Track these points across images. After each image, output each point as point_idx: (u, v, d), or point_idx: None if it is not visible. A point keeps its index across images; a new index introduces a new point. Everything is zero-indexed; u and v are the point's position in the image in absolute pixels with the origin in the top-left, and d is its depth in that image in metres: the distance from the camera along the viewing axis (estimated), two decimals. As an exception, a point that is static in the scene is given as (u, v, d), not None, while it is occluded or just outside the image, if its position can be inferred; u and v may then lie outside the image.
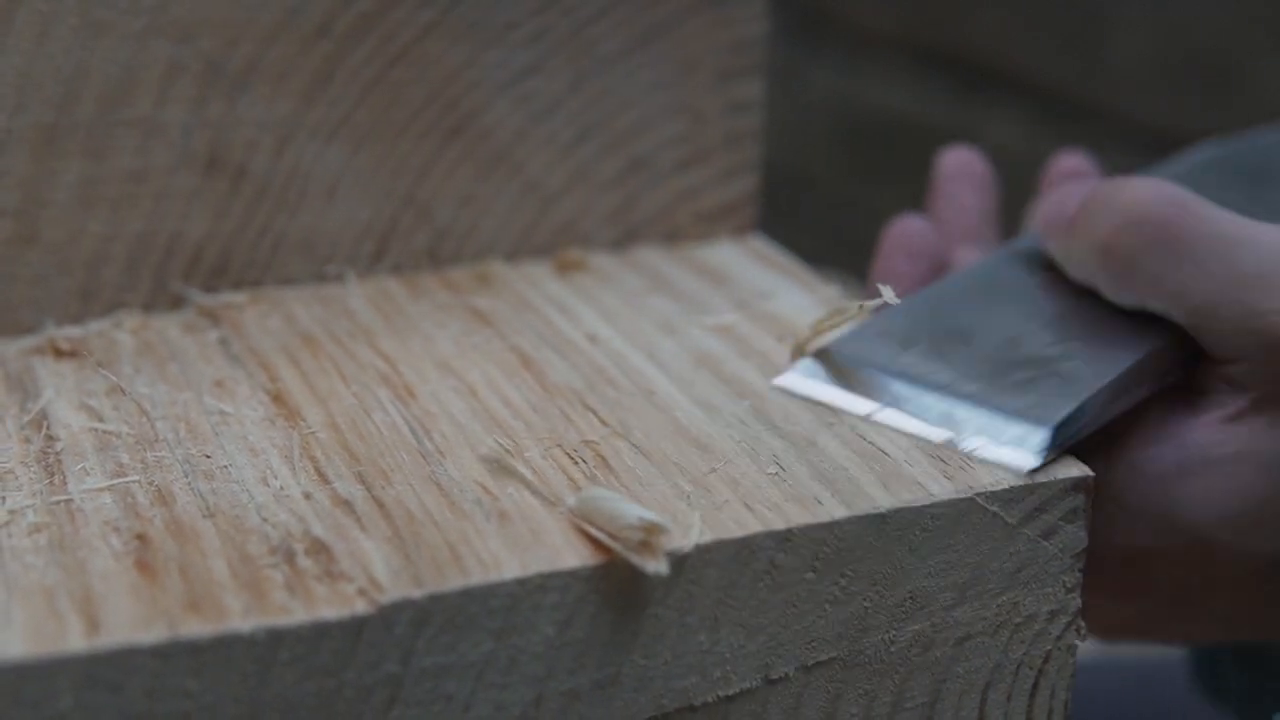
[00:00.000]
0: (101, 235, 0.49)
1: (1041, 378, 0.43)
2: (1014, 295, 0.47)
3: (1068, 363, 0.44)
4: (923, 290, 0.49)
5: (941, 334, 0.46)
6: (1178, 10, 1.22)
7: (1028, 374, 0.44)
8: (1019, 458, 0.41)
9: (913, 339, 0.45)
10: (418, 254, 0.53)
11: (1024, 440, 0.41)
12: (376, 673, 0.36)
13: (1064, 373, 0.44)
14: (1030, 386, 0.43)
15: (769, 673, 0.40)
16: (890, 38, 1.49)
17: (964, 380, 0.44)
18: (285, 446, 0.42)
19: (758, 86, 0.56)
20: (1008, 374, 0.44)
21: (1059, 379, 0.43)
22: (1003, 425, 0.42)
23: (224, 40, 0.48)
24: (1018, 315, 0.46)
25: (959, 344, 0.45)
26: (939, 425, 0.43)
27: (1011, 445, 0.41)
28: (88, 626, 0.34)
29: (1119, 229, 0.44)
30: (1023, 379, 0.43)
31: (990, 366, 0.44)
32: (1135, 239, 0.44)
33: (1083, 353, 0.44)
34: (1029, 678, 0.43)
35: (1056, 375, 0.43)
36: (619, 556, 0.37)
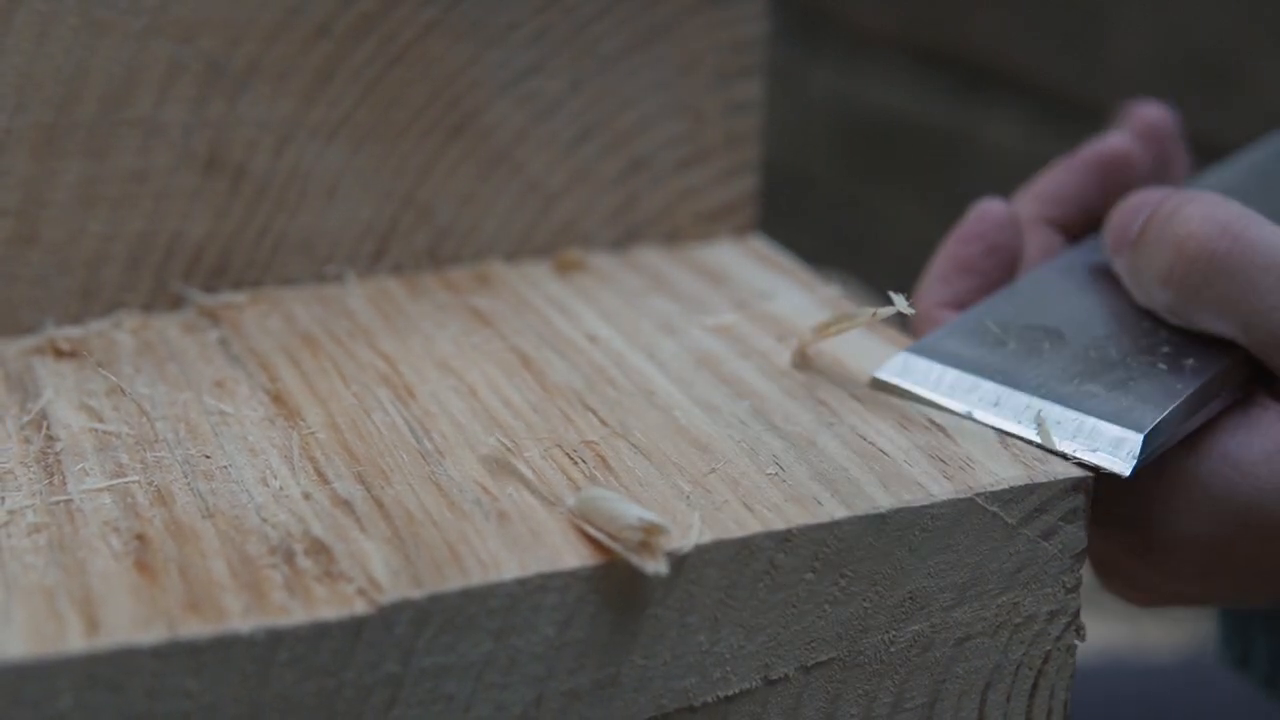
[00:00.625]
0: (102, 235, 0.49)
1: (1133, 381, 0.44)
2: (1102, 294, 0.48)
3: (1155, 367, 0.44)
4: (1012, 285, 0.49)
5: (1032, 332, 0.46)
6: (1178, 10, 1.22)
7: (1119, 376, 0.44)
8: (1115, 463, 0.41)
9: (1004, 337, 0.46)
10: (418, 254, 0.53)
11: (1119, 445, 0.42)
12: (376, 673, 0.36)
13: (1153, 377, 0.44)
14: (1122, 390, 0.43)
15: (769, 673, 0.40)
16: (890, 38, 1.49)
17: (1056, 380, 0.44)
18: (285, 447, 0.42)
19: (758, 86, 0.56)
20: (1099, 375, 0.44)
21: (1149, 384, 0.43)
22: (1098, 429, 0.42)
23: (225, 40, 0.48)
24: (1106, 316, 0.47)
25: (1050, 342, 0.45)
26: (1033, 426, 0.43)
27: (1107, 450, 0.42)
28: (87, 627, 0.34)
29: (1174, 265, 0.44)
30: (1114, 381, 0.44)
31: (1082, 367, 0.44)
32: (1192, 274, 0.44)
33: (1168, 358, 0.45)
34: (1028, 678, 0.43)
35: (1146, 380, 0.44)
36: (619, 557, 0.37)
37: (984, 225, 0.50)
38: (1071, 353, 0.45)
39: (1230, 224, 0.44)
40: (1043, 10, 1.33)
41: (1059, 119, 1.31)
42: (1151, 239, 0.45)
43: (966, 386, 0.44)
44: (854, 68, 1.53)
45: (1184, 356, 0.45)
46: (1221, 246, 0.43)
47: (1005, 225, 0.50)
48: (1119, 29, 1.26)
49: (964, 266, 0.50)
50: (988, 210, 0.51)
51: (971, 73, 1.39)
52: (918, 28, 1.46)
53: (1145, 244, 0.46)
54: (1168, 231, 0.45)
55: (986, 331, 0.46)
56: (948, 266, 0.50)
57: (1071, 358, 0.45)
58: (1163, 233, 0.45)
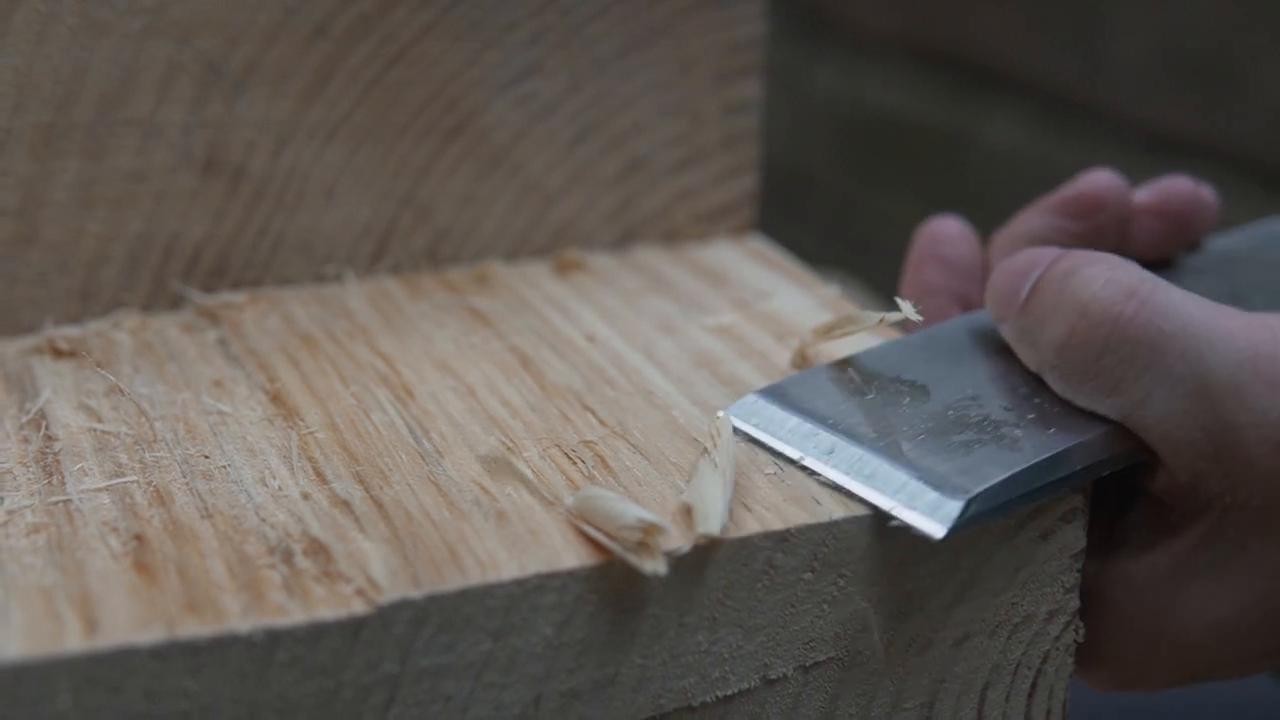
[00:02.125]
0: (100, 235, 0.49)
1: (979, 445, 0.41)
2: (991, 356, 0.45)
3: (1012, 433, 0.42)
4: (906, 336, 0.47)
5: (897, 385, 0.44)
6: (1178, 10, 1.22)
7: (967, 438, 0.41)
8: (929, 525, 0.39)
9: (864, 387, 0.44)
10: (417, 254, 0.53)
11: (938, 509, 0.39)
12: (375, 673, 0.36)
13: (1003, 442, 0.41)
14: (964, 452, 0.41)
15: (767, 673, 0.40)
16: (891, 38, 1.49)
17: (900, 436, 0.42)
18: (284, 447, 0.42)
19: (756, 87, 0.56)
20: (948, 434, 0.42)
21: (995, 448, 0.41)
22: (921, 490, 0.40)
23: (223, 41, 0.48)
24: (983, 377, 0.44)
25: (911, 397, 0.43)
26: (859, 480, 0.41)
27: (924, 512, 0.39)
28: (86, 627, 0.34)
29: (1073, 330, 0.41)
30: (960, 443, 0.41)
31: (933, 425, 0.42)
32: (1091, 341, 0.41)
33: (1032, 424, 0.42)
34: (1027, 678, 0.43)
35: (995, 444, 0.41)
36: (617, 557, 0.37)
37: (932, 245, 0.50)
38: (929, 410, 0.43)
39: (1136, 288, 0.41)
40: (1043, 10, 1.33)
41: (1059, 119, 1.31)
42: (1046, 301, 0.42)
43: (804, 433, 0.42)
44: (855, 68, 1.53)
45: (1047, 425, 0.42)
46: (1128, 311, 0.40)
47: (952, 238, 0.50)
48: (1119, 29, 1.26)
49: (926, 290, 0.49)
50: (933, 229, 0.50)
51: (972, 73, 1.39)
52: (919, 28, 1.46)
53: (1038, 307, 0.42)
54: (1066, 294, 0.41)
55: (849, 380, 0.44)
56: (911, 294, 0.49)
57: (925, 415, 0.43)
58: (1061, 295, 0.42)
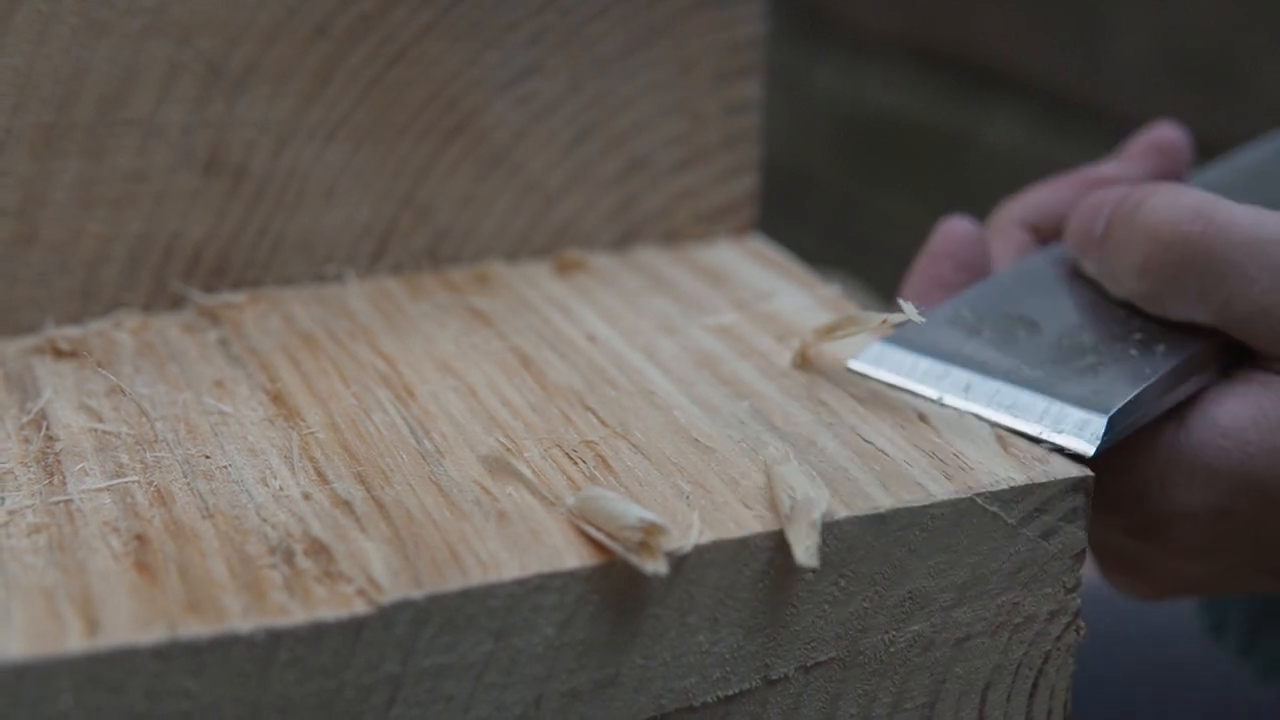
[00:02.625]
0: (101, 235, 0.49)
1: (1102, 366, 0.44)
2: (1077, 288, 0.48)
3: (1127, 353, 0.45)
4: (992, 277, 0.50)
5: (1007, 321, 0.47)
6: (1178, 10, 1.22)
7: (1089, 362, 0.45)
8: (1079, 444, 0.42)
9: (979, 326, 0.47)
10: (417, 254, 0.53)
11: (1084, 427, 0.42)
12: (376, 673, 0.36)
13: (1123, 363, 0.45)
14: (1091, 375, 0.44)
15: (768, 673, 0.40)
16: (891, 38, 1.49)
17: (1027, 367, 0.45)
18: (285, 447, 0.42)
19: (757, 87, 0.56)
20: (1070, 361, 0.45)
21: (1118, 368, 0.44)
22: (1064, 412, 0.43)
23: (223, 41, 0.48)
24: (1080, 306, 0.47)
25: (1024, 330, 0.46)
26: (1003, 411, 0.44)
27: (1072, 432, 0.42)
28: (87, 627, 0.34)
29: (1149, 255, 0.44)
30: (1085, 366, 0.44)
31: (1054, 354, 0.45)
32: (1168, 263, 0.44)
33: (1141, 344, 0.45)
34: (1028, 678, 0.43)
35: (1116, 365, 0.44)
36: (618, 557, 0.37)
37: (952, 243, 0.51)
38: (1045, 340, 0.46)
39: (1200, 207, 0.44)
40: (1043, 10, 1.33)
41: (1059, 119, 1.31)
42: (1120, 234, 0.45)
43: (938, 374, 0.45)
44: (855, 68, 1.53)
45: (1156, 343, 0.45)
46: (1195, 230, 0.43)
47: (970, 241, 0.51)
48: (1119, 29, 1.26)
49: (935, 283, 0.51)
50: (952, 228, 0.52)
51: (972, 73, 1.39)
52: (919, 28, 1.46)
53: (1114, 240, 0.46)
54: (1137, 223, 0.45)
55: (962, 320, 0.47)
56: (922, 284, 0.51)
57: (1044, 345, 0.46)
58: (1131, 226, 0.45)
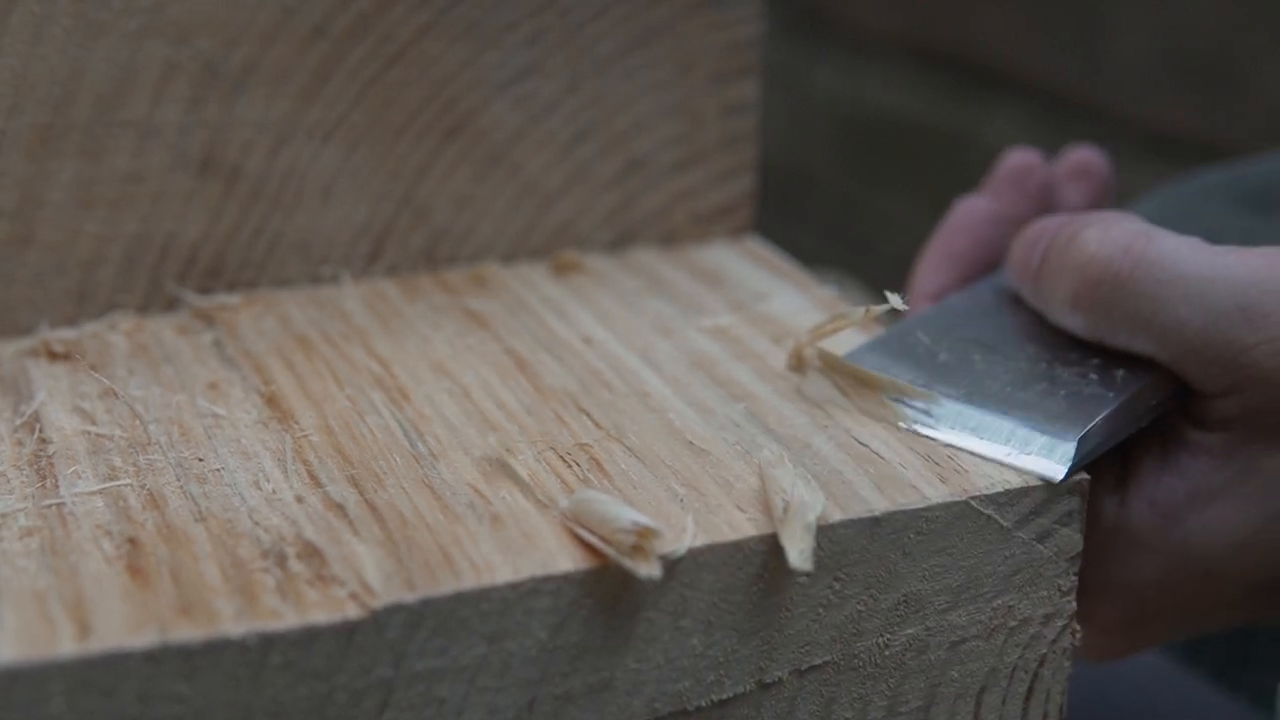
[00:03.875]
0: (97, 236, 0.48)
1: (1064, 389, 0.44)
2: (1026, 311, 0.48)
3: (1087, 377, 0.44)
4: (942, 302, 0.50)
5: (963, 344, 0.46)
6: (1178, 10, 1.22)
7: (1050, 385, 0.44)
8: (1048, 467, 0.41)
9: (934, 348, 0.46)
10: (414, 255, 0.53)
11: (1052, 450, 0.42)
12: (368, 677, 0.36)
13: (1085, 386, 0.44)
14: (1052, 397, 0.43)
15: (762, 677, 0.39)
16: (890, 38, 1.48)
17: (988, 390, 0.44)
18: (278, 449, 0.42)
19: (754, 87, 0.56)
20: (1031, 384, 0.44)
21: (1081, 392, 0.44)
22: (1030, 435, 0.42)
23: (220, 41, 0.48)
24: (1036, 331, 0.47)
25: (980, 354, 0.45)
26: (968, 434, 0.43)
27: (1040, 454, 0.42)
28: (79, 631, 0.34)
29: (1080, 289, 0.44)
30: (1045, 389, 0.44)
31: (1013, 376, 0.44)
32: (1098, 297, 0.44)
33: (1099, 369, 0.44)
34: (1024, 681, 0.42)
35: (1078, 388, 0.44)
36: (612, 560, 0.37)
37: (969, 219, 0.52)
38: (1003, 364, 0.45)
39: (1130, 243, 0.43)
40: (1043, 10, 1.33)
41: (1059, 119, 1.31)
42: (1053, 267, 0.45)
43: None
44: (855, 68, 1.53)
45: (1114, 367, 0.44)
46: (1125, 267, 0.43)
47: (988, 219, 0.52)
48: (1119, 29, 1.26)
49: (951, 259, 0.51)
50: (972, 206, 0.52)
51: (972, 73, 1.39)
52: (918, 28, 1.46)
53: (1047, 273, 0.45)
54: (1068, 258, 0.44)
55: (917, 343, 0.46)
56: (936, 259, 0.51)
57: (1002, 368, 0.45)
58: (1063, 259, 0.45)
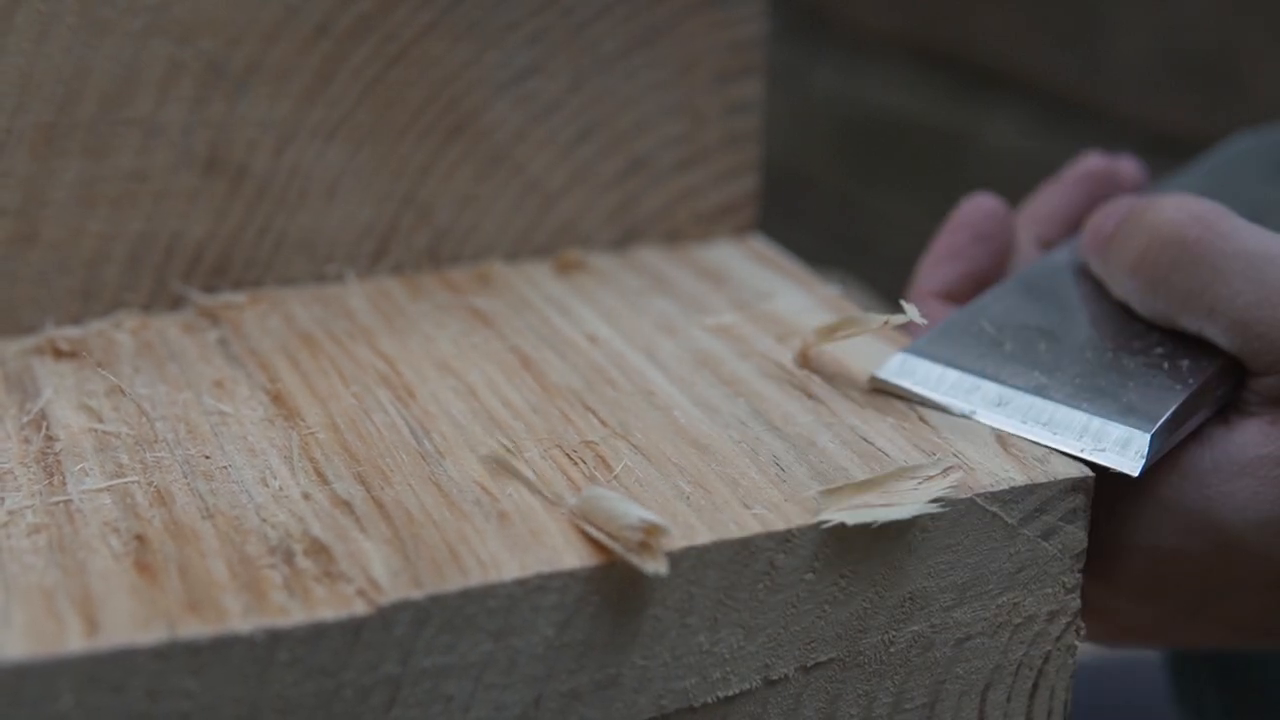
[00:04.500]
0: (102, 235, 0.49)
1: (1131, 381, 0.44)
2: (1089, 295, 0.48)
3: (1153, 367, 0.44)
4: (1001, 285, 0.49)
5: (1027, 332, 0.46)
6: (1178, 10, 1.22)
7: (1117, 377, 0.44)
8: (1123, 463, 0.42)
9: (999, 337, 0.46)
10: (418, 254, 0.53)
11: (1126, 445, 0.42)
12: (375, 673, 0.36)
13: (1152, 376, 0.44)
14: (1122, 389, 0.43)
15: (768, 673, 0.40)
16: (890, 38, 1.49)
17: (1057, 380, 0.44)
18: (284, 447, 0.42)
19: (757, 87, 0.56)
20: (1099, 375, 0.44)
21: (1149, 383, 0.44)
22: (1104, 429, 0.42)
23: (224, 40, 0.48)
24: (1097, 316, 0.47)
25: (1045, 343, 0.46)
26: (1040, 428, 0.43)
27: (1115, 450, 0.42)
28: (87, 627, 0.34)
29: (1146, 249, 0.45)
30: (1114, 381, 0.44)
31: (1080, 367, 0.44)
32: (1163, 259, 0.45)
33: (1164, 358, 0.45)
34: (1029, 678, 0.43)
35: (1145, 379, 0.44)
36: (618, 557, 0.37)
37: (973, 214, 0.52)
38: (1068, 353, 0.45)
39: (1203, 214, 0.45)
40: (1043, 10, 1.33)
41: (1059, 119, 1.31)
42: (1126, 232, 0.46)
43: (968, 387, 0.44)
44: (855, 68, 1.53)
45: (1179, 357, 0.45)
46: (1192, 233, 0.44)
47: (994, 216, 0.52)
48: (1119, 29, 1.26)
49: (954, 253, 0.51)
50: (978, 202, 0.52)
51: (971, 73, 1.39)
52: (918, 28, 1.46)
53: (1120, 237, 0.47)
54: (1142, 222, 0.46)
55: (982, 332, 0.46)
56: (940, 254, 0.52)
57: (1069, 358, 0.45)
58: (1137, 224, 0.46)
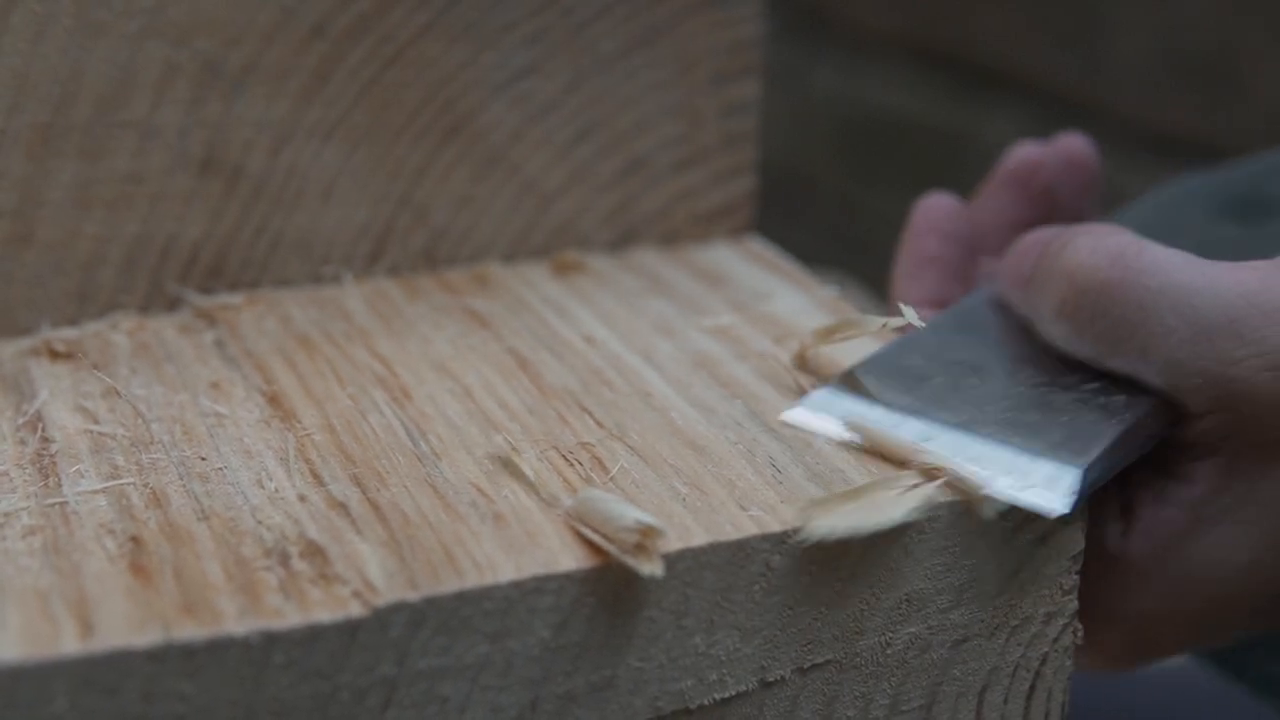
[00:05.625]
0: (97, 236, 0.48)
1: (1064, 416, 0.42)
2: (1018, 329, 0.46)
3: (1084, 402, 0.42)
4: (930, 321, 0.47)
5: (955, 367, 0.44)
6: (1178, 10, 1.22)
7: (1048, 412, 0.42)
8: (1051, 501, 0.40)
9: (926, 372, 0.44)
10: (414, 255, 0.53)
11: (1054, 482, 0.40)
12: (371, 675, 0.36)
13: (1083, 412, 0.42)
14: (1053, 426, 0.42)
15: (765, 675, 0.39)
16: (890, 38, 1.49)
17: (985, 416, 0.42)
18: (281, 448, 0.42)
19: (755, 87, 0.56)
20: (1028, 411, 0.42)
21: (1080, 418, 0.42)
22: (1031, 465, 0.40)
23: (220, 41, 0.48)
24: (1028, 351, 0.45)
25: (975, 379, 0.44)
26: (968, 462, 0.41)
27: (1044, 486, 0.40)
28: (82, 629, 0.34)
29: (1065, 297, 0.43)
30: (1044, 417, 0.42)
31: (1010, 402, 0.43)
32: (1084, 305, 0.43)
33: (1096, 393, 0.43)
34: (1026, 680, 0.42)
35: (1076, 414, 0.42)
36: (614, 559, 0.37)
37: (935, 215, 0.51)
38: (998, 388, 0.43)
39: (1120, 253, 0.42)
40: (1043, 10, 1.33)
41: (1059, 119, 1.30)
42: (1043, 274, 0.44)
43: (891, 424, 0.42)
44: (854, 68, 1.53)
45: (1112, 393, 0.43)
46: (1114, 276, 0.42)
47: (952, 213, 0.51)
48: (1119, 29, 1.26)
49: (926, 261, 0.50)
50: (933, 203, 0.51)
51: (972, 73, 1.39)
52: (918, 28, 1.46)
53: (1038, 279, 0.44)
54: (1058, 264, 0.43)
55: (909, 367, 0.44)
56: (911, 264, 0.50)
57: (998, 393, 0.43)
58: (1054, 266, 0.44)
